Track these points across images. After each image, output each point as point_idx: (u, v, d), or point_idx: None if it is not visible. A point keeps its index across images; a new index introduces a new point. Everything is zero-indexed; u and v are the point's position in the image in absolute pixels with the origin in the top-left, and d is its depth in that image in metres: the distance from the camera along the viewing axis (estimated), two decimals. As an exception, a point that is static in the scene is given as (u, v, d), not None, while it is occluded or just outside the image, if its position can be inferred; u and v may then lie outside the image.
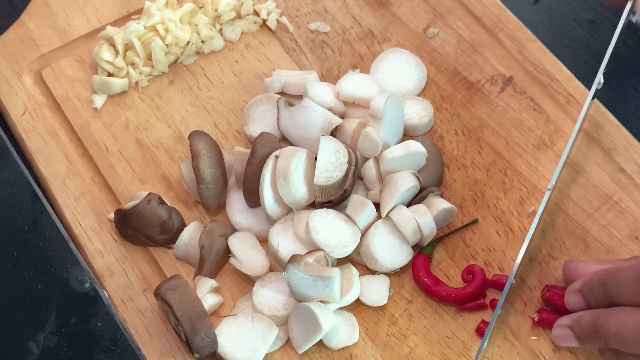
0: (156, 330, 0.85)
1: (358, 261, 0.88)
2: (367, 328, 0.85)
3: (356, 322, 0.85)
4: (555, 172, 0.88)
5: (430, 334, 0.84)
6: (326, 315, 0.81)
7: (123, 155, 0.95)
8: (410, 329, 0.85)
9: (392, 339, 0.84)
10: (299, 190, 0.86)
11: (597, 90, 0.90)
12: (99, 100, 0.98)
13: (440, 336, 0.84)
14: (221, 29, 1.03)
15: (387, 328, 0.85)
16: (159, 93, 0.99)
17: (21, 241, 0.87)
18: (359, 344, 0.84)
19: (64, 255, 0.86)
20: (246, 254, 0.87)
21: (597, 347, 0.79)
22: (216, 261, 0.87)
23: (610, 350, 0.77)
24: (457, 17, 1.03)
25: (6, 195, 0.90)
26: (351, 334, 0.84)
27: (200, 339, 0.80)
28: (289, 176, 0.85)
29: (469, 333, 0.84)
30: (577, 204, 0.90)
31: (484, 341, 0.82)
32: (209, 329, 0.81)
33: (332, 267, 0.83)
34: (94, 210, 0.92)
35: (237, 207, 0.90)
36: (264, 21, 1.04)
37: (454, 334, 0.84)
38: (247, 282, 0.88)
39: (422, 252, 0.88)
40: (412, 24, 1.03)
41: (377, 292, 0.86)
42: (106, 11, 1.04)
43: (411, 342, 0.84)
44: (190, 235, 0.88)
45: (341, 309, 0.85)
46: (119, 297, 0.86)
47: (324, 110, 0.91)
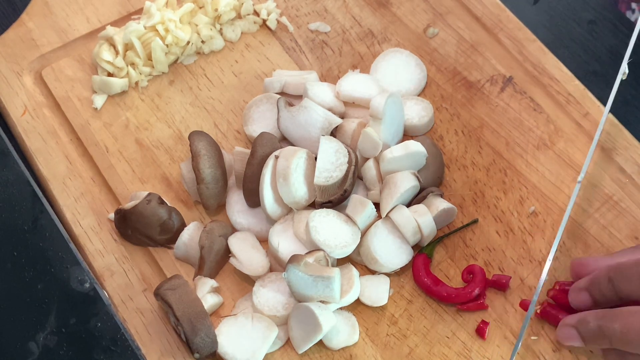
0: (156, 330, 0.85)
1: (358, 261, 0.88)
2: (367, 328, 0.85)
3: (356, 322, 0.85)
4: (585, 165, 0.88)
5: (430, 334, 0.84)
6: (326, 315, 0.81)
7: (123, 155, 0.95)
8: (410, 329, 0.85)
9: (392, 339, 0.84)
10: (299, 190, 0.86)
11: (622, 80, 0.90)
12: (99, 100, 0.98)
13: (440, 336, 0.84)
14: (221, 29, 1.03)
15: (387, 328, 0.85)
16: (159, 93, 0.99)
17: (21, 241, 0.87)
18: (359, 344, 0.84)
19: (64, 255, 0.86)
20: (246, 254, 0.86)
21: (601, 348, 0.79)
22: (216, 261, 0.87)
23: (614, 352, 0.77)
24: (457, 17, 1.03)
25: (6, 195, 0.90)
26: (351, 334, 0.84)
27: (200, 339, 0.80)
28: (289, 176, 0.85)
29: (469, 333, 0.84)
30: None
31: (517, 345, 0.82)
32: (209, 329, 0.81)
33: (332, 267, 0.83)
34: (94, 210, 0.92)
35: (237, 207, 0.90)
36: (264, 21, 1.04)
37: (454, 334, 0.84)
38: (247, 282, 0.88)
39: (422, 252, 0.88)
40: (412, 24, 1.03)
41: (377, 292, 0.86)
42: (106, 11, 1.04)
43: (411, 342, 0.84)
44: (190, 235, 0.88)
45: (341, 309, 0.85)
46: (119, 297, 0.86)
47: (324, 110, 0.91)
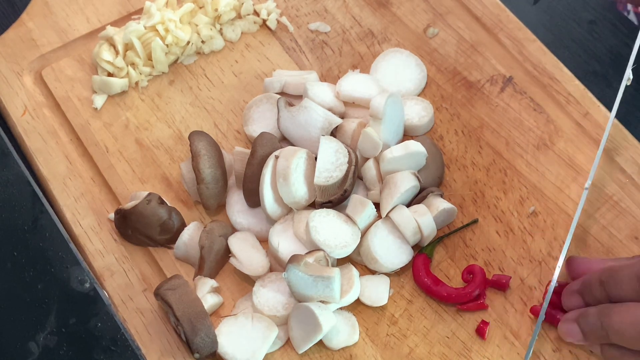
0: (156, 330, 0.85)
1: (358, 261, 0.88)
2: (367, 328, 0.85)
3: (356, 322, 0.85)
4: (592, 171, 0.88)
5: (430, 334, 0.84)
6: (326, 315, 0.81)
7: (123, 155, 0.95)
8: (410, 329, 0.85)
9: (392, 339, 0.84)
10: (299, 190, 0.86)
11: (627, 86, 0.90)
12: (99, 100, 0.98)
13: (440, 336, 0.84)
14: (221, 29, 1.03)
15: (387, 328, 0.85)
16: (159, 93, 0.99)
17: (21, 241, 0.87)
18: (359, 344, 0.84)
19: (64, 255, 0.86)
20: (246, 254, 0.86)
21: (600, 343, 0.79)
22: (216, 261, 0.87)
23: (612, 347, 0.78)
24: (457, 17, 1.03)
25: (6, 195, 0.90)
26: (351, 334, 0.84)
27: (200, 339, 0.80)
28: (289, 176, 0.85)
29: (469, 333, 0.84)
30: (577, 204, 0.90)
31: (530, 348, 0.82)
32: (209, 329, 0.81)
33: (332, 267, 0.83)
34: (94, 210, 0.92)
35: (237, 207, 0.90)
36: (264, 21, 1.04)
37: (454, 334, 0.84)
38: (247, 282, 0.88)
39: (422, 252, 0.88)
40: (412, 24, 1.03)
41: (377, 292, 0.86)
42: (106, 11, 1.04)
43: (411, 342, 0.84)
44: (190, 235, 0.88)
45: (341, 309, 0.85)
46: (119, 297, 0.86)
47: (324, 110, 0.91)
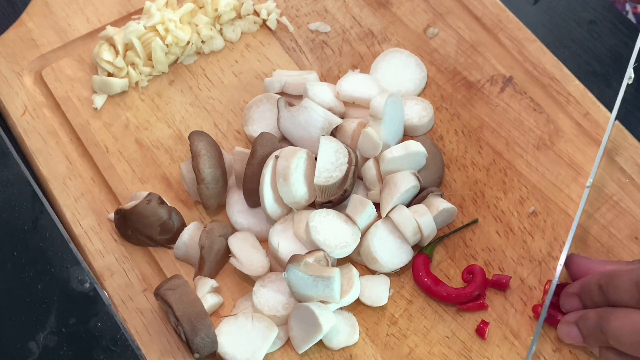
0: (156, 330, 0.85)
1: (358, 261, 0.88)
2: (367, 328, 0.85)
3: (356, 322, 0.85)
4: (593, 171, 0.88)
5: (430, 334, 0.84)
6: (326, 315, 0.81)
7: (123, 155, 0.95)
8: (410, 329, 0.85)
9: (392, 339, 0.84)
10: (299, 190, 0.86)
11: (628, 85, 0.90)
12: (99, 100, 0.98)
13: (440, 336, 0.84)
14: (221, 29, 1.03)
15: (387, 328, 0.85)
16: (159, 93, 0.99)
17: (21, 241, 0.87)
18: (359, 344, 0.84)
19: (64, 255, 0.86)
20: (246, 254, 0.86)
21: (599, 346, 0.79)
22: (216, 261, 0.87)
23: (611, 351, 0.77)
24: (457, 17, 1.03)
25: (6, 195, 0.90)
26: (351, 334, 0.84)
27: (200, 339, 0.80)
28: (289, 176, 0.85)
29: (469, 333, 0.84)
30: (577, 204, 0.90)
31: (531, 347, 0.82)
32: (209, 329, 0.81)
33: (332, 267, 0.83)
34: (94, 210, 0.92)
35: (237, 207, 0.90)
36: (264, 21, 1.04)
37: (454, 334, 0.84)
38: (247, 282, 0.88)
39: (422, 252, 0.88)
40: (412, 24, 1.03)
41: (377, 292, 0.86)
42: (106, 11, 1.04)
43: (411, 342, 0.84)
44: (190, 235, 0.88)
45: (341, 309, 0.85)
46: (119, 297, 0.86)
47: (324, 110, 0.91)
